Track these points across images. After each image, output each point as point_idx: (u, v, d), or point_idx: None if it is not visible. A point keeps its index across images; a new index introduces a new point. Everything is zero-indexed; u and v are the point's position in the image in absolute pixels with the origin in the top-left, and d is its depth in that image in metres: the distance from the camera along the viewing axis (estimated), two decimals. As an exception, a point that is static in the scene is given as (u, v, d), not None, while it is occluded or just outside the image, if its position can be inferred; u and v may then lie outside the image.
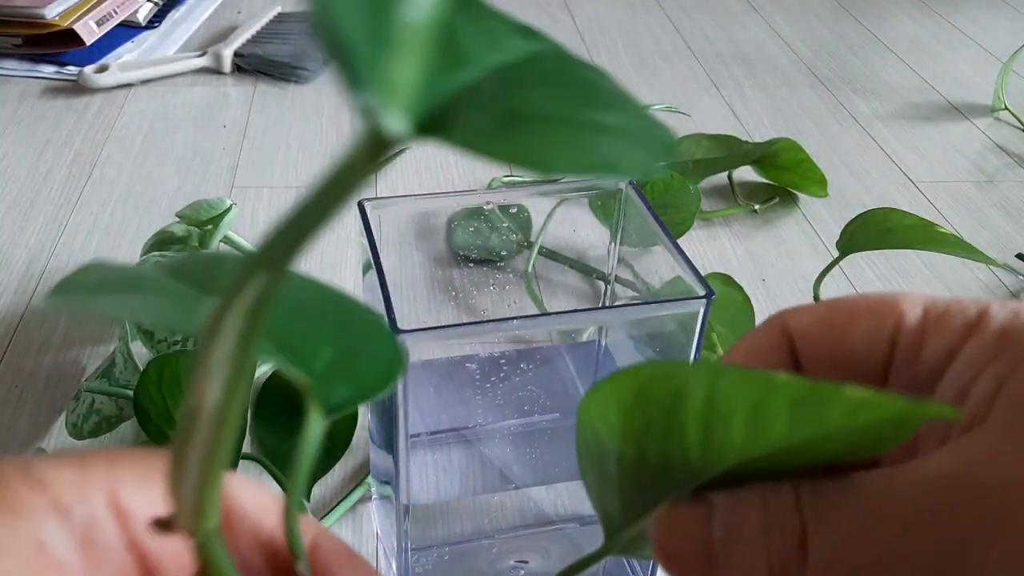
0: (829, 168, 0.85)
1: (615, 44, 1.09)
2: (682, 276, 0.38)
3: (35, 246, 0.70)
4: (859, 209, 0.79)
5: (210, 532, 0.18)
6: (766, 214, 0.79)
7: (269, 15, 1.06)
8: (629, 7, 1.20)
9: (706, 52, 1.08)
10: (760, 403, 0.17)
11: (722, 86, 1.00)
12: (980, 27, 1.20)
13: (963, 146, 0.91)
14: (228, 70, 0.98)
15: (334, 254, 0.71)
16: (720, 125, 0.92)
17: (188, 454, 0.17)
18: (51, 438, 0.54)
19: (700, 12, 1.20)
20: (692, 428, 0.18)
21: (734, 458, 0.18)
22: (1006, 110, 0.97)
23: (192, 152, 0.84)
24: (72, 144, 0.84)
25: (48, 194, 0.77)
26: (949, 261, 0.74)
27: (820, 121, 0.95)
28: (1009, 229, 0.79)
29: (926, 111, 0.98)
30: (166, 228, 0.61)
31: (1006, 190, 0.84)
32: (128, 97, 0.93)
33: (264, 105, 0.92)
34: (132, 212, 0.75)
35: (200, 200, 0.57)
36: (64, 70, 0.96)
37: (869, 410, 0.16)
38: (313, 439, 0.19)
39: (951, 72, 1.07)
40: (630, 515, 0.21)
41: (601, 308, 0.49)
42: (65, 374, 0.58)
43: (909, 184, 0.85)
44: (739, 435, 0.17)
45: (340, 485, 0.52)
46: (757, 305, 0.67)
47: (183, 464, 0.17)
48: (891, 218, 0.57)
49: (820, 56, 1.09)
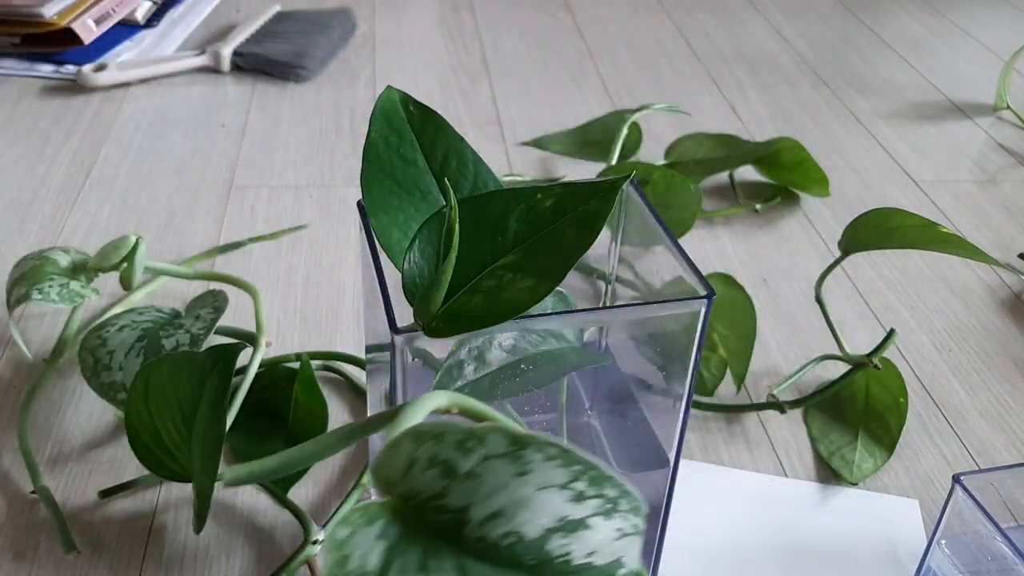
0: (831, 167, 0.85)
1: (616, 43, 1.09)
2: (683, 276, 0.38)
3: (34, 245, 0.70)
4: (861, 208, 0.79)
5: None
6: (768, 214, 0.79)
7: (268, 14, 1.06)
8: (630, 6, 1.20)
9: (707, 51, 1.08)
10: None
11: (723, 85, 1.00)
12: (982, 25, 1.19)
13: (965, 145, 0.91)
14: (227, 69, 0.97)
15: (334, 254, 0.70)
16: (721, 124, 0.92)
17: None
18: (50, 439, 0.54)
19: (701, 11, 1.19)
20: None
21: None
22: (1008, 109, 0.97)
23: (191, 151, 0.83)
24: (70, 143, 0.84)
25: (46, 194, 0.76)
26: (951, 261, 0.74)
27: (821, 120, 0.94)
28: (1011, 229, 0.78)
29: (928, 110, 0.97)
30: (45, 253, 0.56)
31: (1008, 189, 0.84)
32: (126, 96, 0.92)
33: (263, 104, 0.92)
34: (131, 212, 0.75)
35: (104, 246, 0.55)
36: (62, 69, 0.95)
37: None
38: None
39: (953, 71, 1.06)
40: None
41: (601, 308, 0.49)
42: (64, 373, 0.58)
43: (911, 183, 0.84)
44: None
45: (336, 482, 0.52)
46: (759, 305, 0.66)
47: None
48: (893, 218, 0.57)
49: (821, 55, 1.09)
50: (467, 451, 0.25)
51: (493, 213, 0.35)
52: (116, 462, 0.52)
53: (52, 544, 0.47)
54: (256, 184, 0.79)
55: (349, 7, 1.10)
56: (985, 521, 0.42)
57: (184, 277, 0.59)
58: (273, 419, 0.54)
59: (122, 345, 0.51)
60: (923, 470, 0.55)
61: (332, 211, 0.76)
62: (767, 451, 0.55)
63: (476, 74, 1.00)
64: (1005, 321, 0.68)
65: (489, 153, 0.85)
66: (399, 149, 0.38)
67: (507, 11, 1.16)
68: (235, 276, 0.58)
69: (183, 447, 0.44)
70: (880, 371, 0.57)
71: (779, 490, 0.53)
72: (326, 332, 0.63)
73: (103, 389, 0.50)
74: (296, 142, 0.86)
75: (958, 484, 0.44)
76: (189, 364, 0.45)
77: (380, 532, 0.24)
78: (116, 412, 0.55)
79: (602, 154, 0.80)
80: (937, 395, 0.61)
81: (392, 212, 0.37)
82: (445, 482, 0.25)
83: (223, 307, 0.53)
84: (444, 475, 0.25)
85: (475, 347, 0.38)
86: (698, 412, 0.58)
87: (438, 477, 0.25)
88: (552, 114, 0.92)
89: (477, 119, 0.91)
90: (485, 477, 0.25)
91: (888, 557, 0.49)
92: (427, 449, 0.25)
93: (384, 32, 1.09)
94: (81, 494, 0.50)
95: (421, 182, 0.38)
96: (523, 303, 0.34)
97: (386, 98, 0.38)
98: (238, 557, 0.47)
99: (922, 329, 0.67)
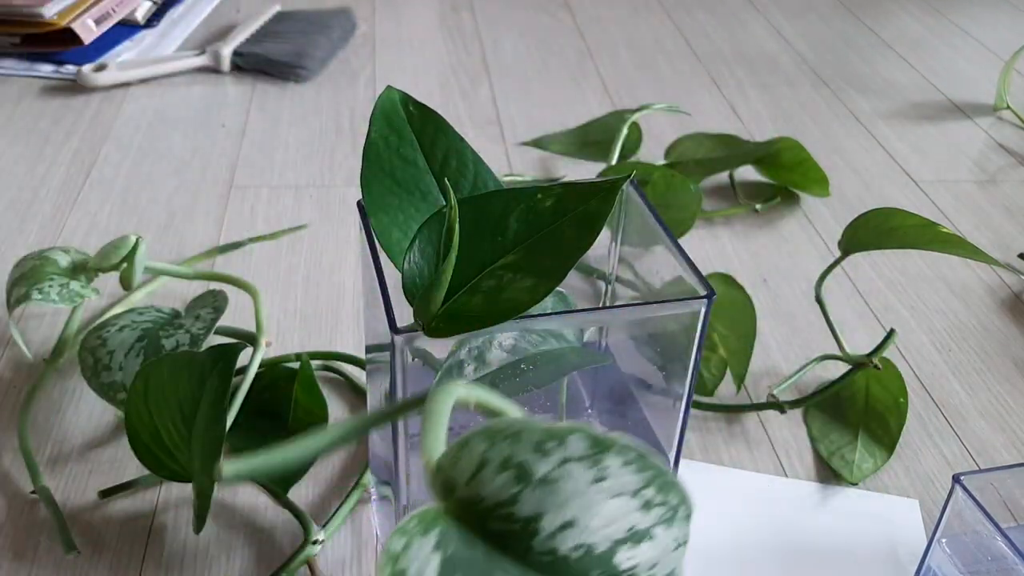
0: (831, 167, 0.85)
1: (616, 43, 1.09)
2: (683, 276, 0.38)
3: (34, 245, 0.70)
4: (861, 208, 0.79)
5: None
6: (768, 214, 0.79)
7: (268, 14, 1.06)
8: (630, 6, 1.19)
9: (707, 51, 1.08)
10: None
11: (723, 85, 1.00)
12: (982, 25, 1.19)
13: (965, 145, 0.91)
14: (227, 69, 0.97)
15: (334, 254, 0.70)
16: (721, 124, 0.92)
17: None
18: (50, 439, 0.54)
19: (701, 11, 1.19)
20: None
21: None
22: (1008, 109, 0.97)
23: (191, 151, 0.83)
24: (70, 143, 0.84)
25: (46, 194, 0.76)
26: (951, 261, 0.74)
27: (821, 120, 0.94)
28: (1011, 229, 0.78)
29: (928, 110, 0.97)
30: (45, 253, 0.56)
31: (1008, 189, 0.84)
32: (126, 96, 0.92)
33: (263, 104, 0.92)
34: (131, 212, 0.75)
35: (104, 246, 0.55)
36: (62, 69, 0.95)
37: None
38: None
39: (953, 71, 1.06)
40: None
41: (601, 308, 0.49)
42: (64, 373, 0.58)
43: (911, 183, 0.84)
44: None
45: (336, 482, 0.51)
46: (759, 305, 0.66)
47: None
48: (893, 218, 0.57)
49: (821, 55, 1.09)
50: (545, 453, 0.23)
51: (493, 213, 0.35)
52: (116, 462, 0.52)
53: (52, 544, 0.47)
54: (256, 184, 0.79)
55: (349, 7, 1.10)
56: (985, 521, 0.42)
57: (184, 277, 0.59)
58: (273, 419, 0.54)
59: (122, 345, 0.51)
60: (923, 470, 0.55)
61: (332, 211, 0.76)
62: (767, 451, 0.55)
63: (476, 74, 1.00)
64: (1005, 321, 0.68)
65: (489, 153, 0.85)
66: (399, 149, 0.38)
67: (507, 11, 1.16)
68: (235, 276, 0.58)
69: (183, 447, 0.44)
70: (880, 371, 0.57)
71: (779, 490, 0.53)
72: (326, 332, 0.63)
73: (103, 389, 0.50)
74: (296, 142, 0.86)
75: (958, 484, 0.44)
76: (189, 364, 0.45)
77: (437, 542, 0.22)
78: (116, 412, 0.55)
79: (602, 154, 0.80)
80: (937, 395, 0.61)
81: (392, 212, 0.37)
82: (518, 487, 0.23)
83: (223, 307, 0.53)
84: (517, 480, 0.23)
85: (475, 347, 0.38)
86: (698, 412, 0.58)
87: (510, 482, 0.23)
88: (552, 114, 0.92)
89: (477, 119, 0.91)
90: (561, 483, 0.23)
91: (888, 557, 0.49)
92: (502, 450, 0.23)
93: (384, 32, 1.09)
94: (81, 494, 0.50)
95: (421, 182, 0.38)
96: (523, 303, 0.34)
97: (386, 98, 0.38)
98: (238, 557, 0.47)
99: (922, 329, 0.67)
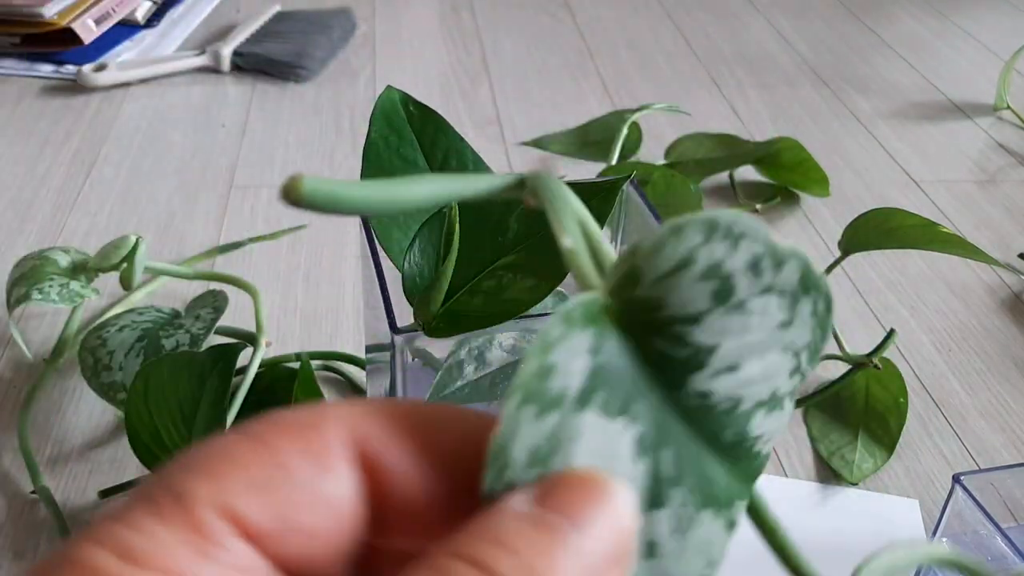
0: (831, 167, 0.85)
1: (616, 43, 1.09)
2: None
3: (34, 246, 0.70)
4: (861, 208, 0.79)
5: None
6: (768, 214, 0.79)
7: (268, 14, 1.06)
8: (630, 6, 1.20)
9: (707, 51, 1.08)
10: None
11: (723, 85, 1.00)
12: (982, 25, 1.19)
13: (965, 145, 0.91)
14: (227, 69, 0.97)
15: (334, 254, 0.71)
16: (721, 124, 0.92)
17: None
18: (50, 439, 0.54)
19: (701, 11, 1.19)
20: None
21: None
22: (1008, 109, 0.97)
23: (191, 151, 0.83)
24: (70, 143, 0.84)
25: (46, 194, 0.76)
26: (951, 261, 0.74)
27: (821, 120, 0.94)
28: (1011, 229, 0.79)
29: (928, 110, 0.97)
30: (45, 253, 0.56)
31: (1008, 189, 0.84)
32: (126, 96, 0.92)
33: (263, 104, 0.92)
34: (131, 212, 0.75)
35: (104, 246, 0.55)
36: (62, 69, 0.95)
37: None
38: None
39: (953, 71, 1.06)
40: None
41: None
42: (64, 373, 0.58)
43: (911, 183, 0.84)
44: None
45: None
46: (758, 305, 0.66)
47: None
48: (893, 218, 0.57)
49: (821, 55, 1.09)
50: (756, 273, 0.18)
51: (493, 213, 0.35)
52: (116, 462, 0.52)
53: (52, 544, 0.47)
54: (256, 184, 0.79)
55: (349, 7, 1.10)
56: (985, 521, 0.42)
57: (184, 277, 0.59)
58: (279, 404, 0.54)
59: (122, 345, 0.51)
60: (923, 470, 0.55)
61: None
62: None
63: (476, 74, 1.00)
64: (1005, 321, 0.68)
65: (489, 153, 0.85)
66: (399, 149, 0.38)
67: (507, 11, 1.16)
68: (235, 276, 0.58)
69: (183, 447, 0.44)
70: (880, 371, 0.57)
71: (779, 490, 0.53)
72: (326, 332, 0.63)
73: (103, 389, 0.50)
74: (296, 142, 0.86)
75: (958, 484, 0.44)
76: (189, 364, 0.45)
77: (592, 344, 0.18)
78: (116, 412, 0.55)
79: (602, 154, 0.80)
80: (937, 395, 0.61)
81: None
82: (709, 305, 0.18)
83: (223, 307, 0.53)
84: (714, 297, 0.18)
85: (475, 347, 0.38)
86: (698, 412, 0.58)
87: (706, 296, 0.18)
88: (552, 114, 0.92)
89: (477, 119, 0.91)
90: (753, 317, 0.18)
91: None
92: (714, 252, 0.18)
93: (384, 32, 1.09)
94: (81, 494, 0.50)
95: (421, 182, 0.38)
96: (523, 303, 0.34)
97: (386, 98, 0.39)
98: (238, 557, 0.47)
99: (922, 329, 0.67)
